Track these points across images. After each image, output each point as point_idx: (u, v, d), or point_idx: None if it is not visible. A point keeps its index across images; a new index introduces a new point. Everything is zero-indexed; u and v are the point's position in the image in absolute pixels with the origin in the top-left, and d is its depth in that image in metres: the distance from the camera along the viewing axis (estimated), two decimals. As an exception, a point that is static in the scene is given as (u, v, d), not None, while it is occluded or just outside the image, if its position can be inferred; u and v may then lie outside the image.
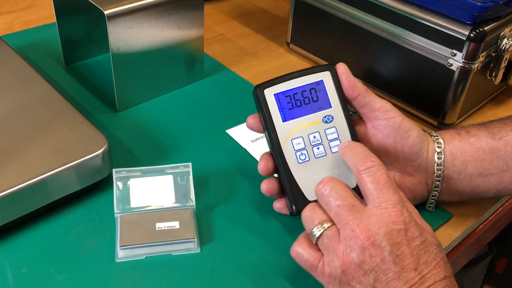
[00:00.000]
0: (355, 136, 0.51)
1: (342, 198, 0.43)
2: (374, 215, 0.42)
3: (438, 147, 0.52)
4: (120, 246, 0.49)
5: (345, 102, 0.51)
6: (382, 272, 0.41)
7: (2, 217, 0.49)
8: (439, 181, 0.52)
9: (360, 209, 0.43)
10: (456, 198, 0.55)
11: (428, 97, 0.68)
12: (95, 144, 0.54)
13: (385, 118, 0.50)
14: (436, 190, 0.53)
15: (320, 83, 0.50)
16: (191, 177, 0.54)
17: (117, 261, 0.49)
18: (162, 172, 0.54)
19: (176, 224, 0.51)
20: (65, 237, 0.51)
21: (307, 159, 0.49)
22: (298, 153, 0.49)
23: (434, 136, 0.53)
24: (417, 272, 0.41)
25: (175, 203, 0.53)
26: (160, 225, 0.51)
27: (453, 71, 0.64)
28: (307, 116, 0.50)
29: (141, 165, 0.57)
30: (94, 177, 0.54)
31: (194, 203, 0.53)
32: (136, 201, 0.52)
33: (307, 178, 0.49)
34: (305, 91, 0.50)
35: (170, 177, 0.54)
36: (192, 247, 0.51)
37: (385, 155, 0.52)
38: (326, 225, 0.44)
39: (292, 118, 0.50)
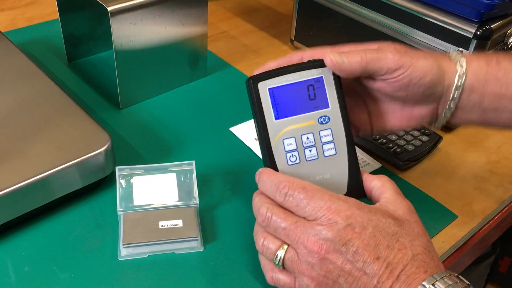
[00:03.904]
0: (350, 141, 0.48)
1: (285, 220, 0.42)
2: (316, 224, 0.41)
3: (458, 79, 0.48)
4: (123, 244, 0.49)
5: (344, 102, 0.48)
6: (348, 274, 0.40)
7: (4, 215, 0.49)
8: (449, 112, 0.50)
9: (304, 223, 0.41)
10: (462, 124, 0.53)
11: (433, 95, 0.68)
12: (98, 141, 0.53)
13: (393, 77, 0.47)
14: (444, 119, 0.51)
15: (320, 79, 0.47)
16: (194, 175, 0.53)
17: (120, 259, 0.49)
18: (165, 170, 0.54)
19: (179, 223, 0.51)
20: (68, 235, 0.51)
21: (297, 161, 0.47)
22: (288, 155, 0.47)
23: (459, 63, 0.48)
24: (380, 260, 0.39)
25: (178, 201, 0.52)
26: (163, 223, 0.50)
27: (459, 69, 0.63)
28: (302, 115, 0.47)
29: (144, 163, 0.56)
30: (97, 174, 0.54)
31: (197, 201, 0.53)
32: (139, 199, 0.52)
33: None
34: (302, 87, 0.47)
35: (174, 175, 0.53)
36: (195, 245, 0.50)
37: (394, 101, 0.50)
38: (282, 251, 0.43)
39: (286, 116, 0.47)
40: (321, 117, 0.47)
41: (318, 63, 0.47)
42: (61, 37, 0.72)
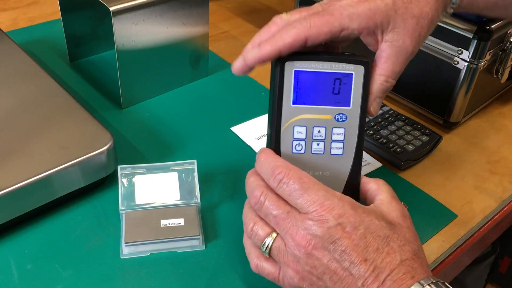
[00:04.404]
0: (360, 146, 0.46)
1: (278, 207, 0.41)
2: (307, 219, 0.40)
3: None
4: (125, 243, 0.49)
5: (366, 106, 0.46)
6: (333, 273, 0.39)
7: (7, 213, 0.49)
8: (443, 16, 0.50)
9: (295, 214, 0.41)
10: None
11: (434, 95, 0.68)
12: (100, 140, 0.54)
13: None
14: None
15: (349, 76, 0.45)
16: (196, 174, 0.54)
17: (121, 257, 0.49)
18: (167, 169, 0.54)
19: (181, 221, 0.51)
20: (70, 233, 0.51)
21: (302, 151, 0.45)
22: (295, 142, 0.45)
23: None
24: (368, 263, 0.38)
25: (179, 200, 0.53)
26: (165, 222, 0.51)
27: (459, 70, 0.63)
28: (320, 106, 0.45)
29: (146, 162, 0.57)
30: (99, 173, 0.54)
31: (199, 200, 0.53)
32: (141, 198, 0.52)
33: None
34: (329, 79, 0.44)
35: (175, 174, 0.54)
36: (196, 244, 0.51)
37: None
38: (271, 239, 0.42)
39: (304, 103, 0.45)
40: (338, 114, 0.45)
41: (353, 59, 0.45)
42: (63, 37, 0.73)
